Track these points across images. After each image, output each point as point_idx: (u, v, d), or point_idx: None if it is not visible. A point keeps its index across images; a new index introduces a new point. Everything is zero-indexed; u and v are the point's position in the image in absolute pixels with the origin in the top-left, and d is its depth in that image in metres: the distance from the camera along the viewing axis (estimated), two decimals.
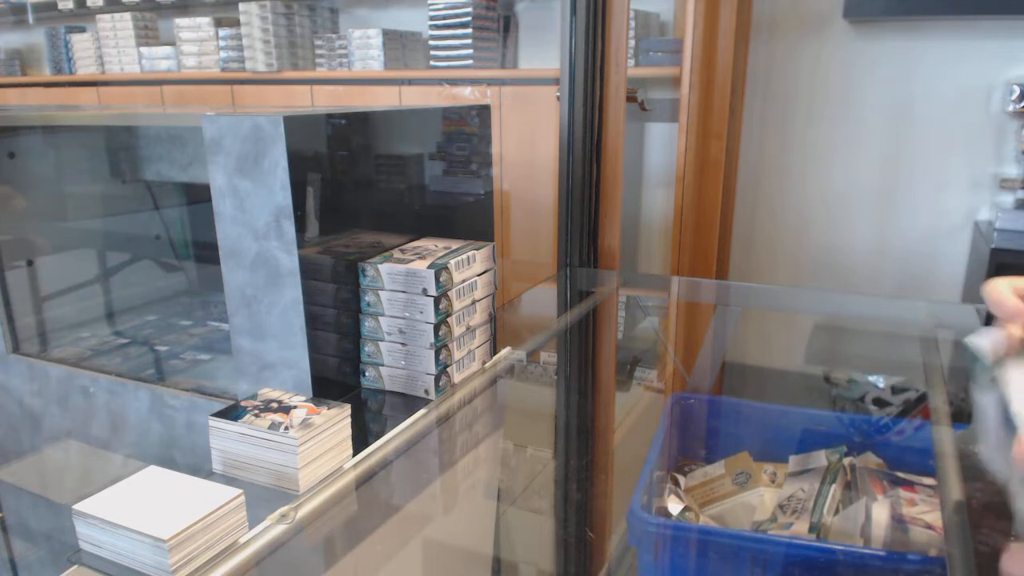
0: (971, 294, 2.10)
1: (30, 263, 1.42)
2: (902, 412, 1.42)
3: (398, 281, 1.01)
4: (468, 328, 1.09)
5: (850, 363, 1.69)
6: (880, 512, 1.05)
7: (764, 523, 1.16)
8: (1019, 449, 0.46)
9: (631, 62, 2.41)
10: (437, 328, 1.01)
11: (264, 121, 0.92)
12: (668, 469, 1.31)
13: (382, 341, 1.04)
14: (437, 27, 2.80)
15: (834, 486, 1.14)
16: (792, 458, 1.26)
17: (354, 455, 0.87)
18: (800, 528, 1.10)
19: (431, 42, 2.84)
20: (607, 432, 1.33)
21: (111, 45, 3.63)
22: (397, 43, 2.97)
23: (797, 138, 2.39)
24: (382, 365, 1.06)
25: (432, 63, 2.85)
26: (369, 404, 1.05)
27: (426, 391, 1.03)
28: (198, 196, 1.61)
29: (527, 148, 2.53)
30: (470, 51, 2.76)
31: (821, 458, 1.22)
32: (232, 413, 0.82)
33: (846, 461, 1.19)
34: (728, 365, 1.82)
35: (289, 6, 3.12)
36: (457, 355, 1.07)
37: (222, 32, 3.27)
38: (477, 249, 1.09)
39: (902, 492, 1.13)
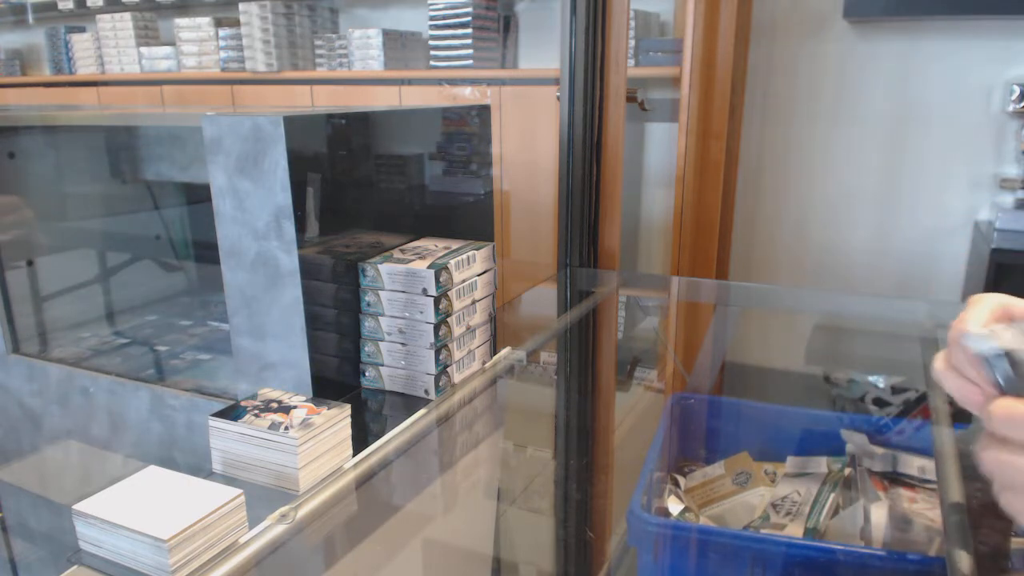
0: (971, 294, 2.10)
1: (30, 263, 1.41)
2: (902, 412, 1.42)
3: (398, 281, 1.01)
4: (468, 328, 1.09)
5: (850, 363, 1.69)
6: (879, 513, 1.05)
7: (755, 521, 1.16)
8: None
9: (631, 62, 2.41)
10: (437, 328, 1.01)
11: (264, 121, 0.92)
12: (668, 469, 1.31)
13: (382, 341, 1.04)
14: (437, 27, 2.80)
15: (833, 494, 1.14)
16: (790, 459, 1.26)
17: (354, 455, 0.87)
18: (794, 531, 1.10)
19: (431, 42, 2.84)
20: (607, 432, 1.33)
21: (111, 45, 3.63)
22: (397, 43, 2.97)
23: (797, 138, 2.39)
24: (382, 365, 1.06)
25: (432, 63, 2.85)
26: (369, 404, 1.05)
27: (426, 391, 1.03)
28: (198, 196, 1.61)
29: (527, 148, 2.53)
30: (470, 51, 2.76)
31: (822, 464, 1.22)
32: (232, 413, 0.82)
33: (847, 472, 1.19)
34: (728, 365, 1.82)
35: (289, 6, 3.12)
36: (457, 355, 1.07)
37: (222, 32, 3.27)
38: (477, 249, 1.09)
39: (903, 491, 1.13)
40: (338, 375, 1.05)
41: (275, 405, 0.84)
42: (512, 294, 1.60)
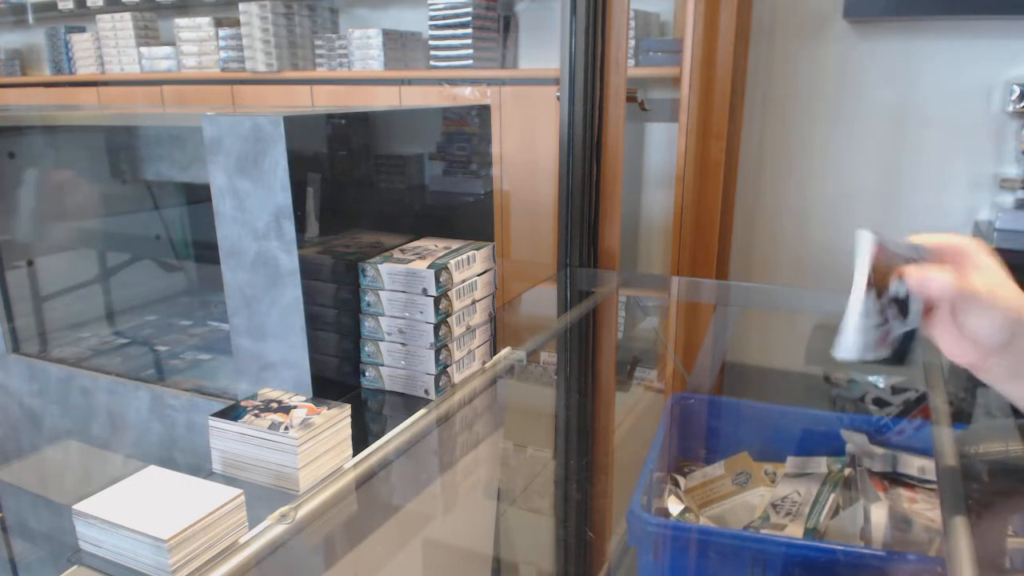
0: None
1: (30, 263, 1.41)
2: (902, 412, 1.42)
3: (398, 281, 1.01)
4: (468, 328, 1.09)
5: (850, 363, 1.68)
6: (879, 513, 1.05)
7: (755, 521, 1.16)
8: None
9: (631, 62, 2.41)
10: (437, 328, 1.01)
11: (264, 121, 0.92)
12: (668, 469, 1.31)
13: (382, 341, 1.04)
14: (437, 27, 2.80)
15: (833, 495, 1.14)
16: (790, 459, 1.26)
17: (354, 455, 0.87)
18: (795, 531, 1.10)
19: (431, 42, 2.84)
20: (607, 432, 1.33)
21: (111, 45, 3.63)
22: (397, 43, 2.97)
23: (797, 138, 2.39)
24: (382, 365, 1.06)
25: (432, 63, 2.85)
26: (369, 404, 1.05)
27: (426, 391, 1.03)
28: (198, 196, 1.61)
29: (527, 148, 2.53)
30: (470, 51, 2.76)
31: (822, 464, 1.22)
32: (232, 413, 0.82)
33: (846, 472, 1.19)
34: (728, 365, 1.82)
35: (289, 6, 3.11)
36: (457, 355, 1.07)
37: (222, 32, 3.27)
38: (477, 249, 1.09)
39: (903, 491, 1.13)
40: (338, 375, 1.05)
41: (275, 405, 0.84)
42: (512, 294, 1.60)
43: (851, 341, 0.65)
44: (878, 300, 0.65)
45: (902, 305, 0.66)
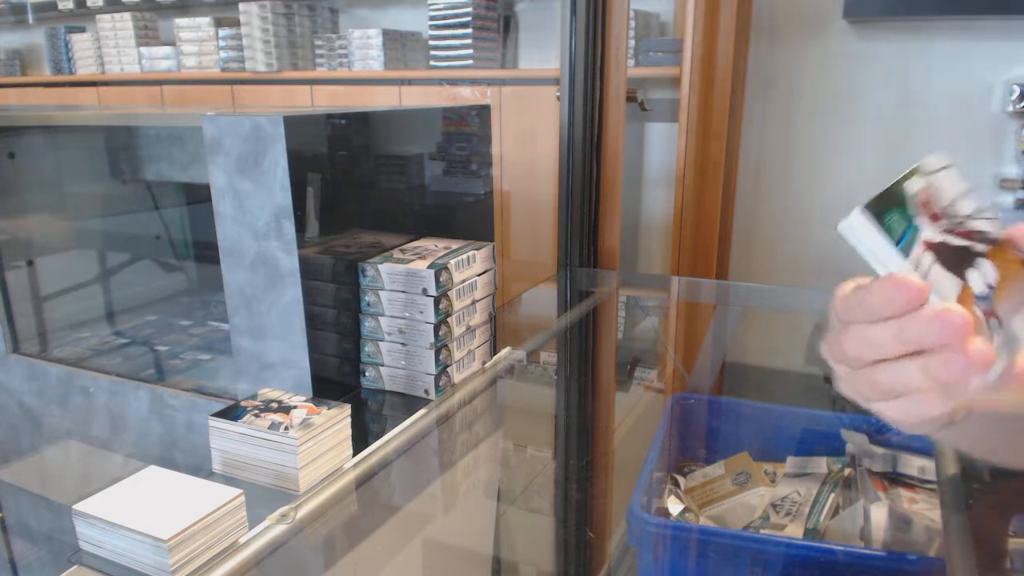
0: None
1: (30, 263, 1.41)
2: None
3: (398, 281, 1.01)
4: (468, 328, 1.09)
5: None
6: (879, 513, 1.05)
7: (755, 521, 1.16)
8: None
9: (631, 62, 2.41)
10: (437, 328, 1.01)
11: (264, 121, 0.92)
12: (668, 469, 1.31)
13: (382, 341, 1.04)
14: (437, 27, 2.80)
15: (833, 494, 1.14)
16: (790, 459, 1.26)
17: (354, 455, 0.87)
18: (795, 531, 1.10)
19: (431, 42, 2.84)
20: (607, 432, 1.33)
21: (111, 45, 3.63)
22: (397, 43, 2.97)
23: (797, 138, 2.39)
24: (382, 365, 1.06)
25: (432, 63, 2.85)
26: (369, 404, 1.05)
27: (426, 391, 1.03)
28: (198, 196, 1.61)
29: (527, 148, 2.53)
30: (470, 51, 2.76)
31: (821, 464, 1.22)
32: (232, 413, 0.82)
33: (846, 472, 1.19)
34: (728, 365, 1.82)
35: (289, 6, 3.11)
36: (457, 355, 1.07)
37: (222, 32, 3.27)
38: (477, 249, 1.09)
39: (903, 491, 1.13)
40: (338, 375, 1.05)
41: (275, 405, 0.84)
42: (512, 294, 1.60)
43: None
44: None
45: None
